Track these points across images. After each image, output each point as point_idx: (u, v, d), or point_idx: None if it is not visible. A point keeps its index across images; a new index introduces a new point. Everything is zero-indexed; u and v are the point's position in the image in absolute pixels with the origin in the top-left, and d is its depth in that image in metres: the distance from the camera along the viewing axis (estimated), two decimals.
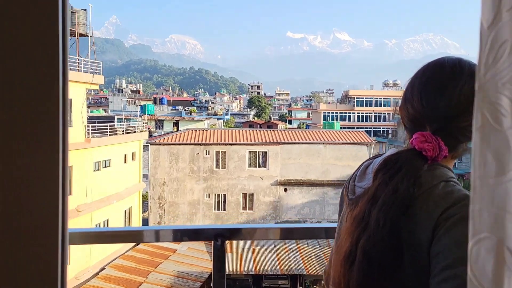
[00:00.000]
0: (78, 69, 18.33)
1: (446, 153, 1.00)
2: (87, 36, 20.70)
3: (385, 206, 0.96)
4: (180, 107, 58.78)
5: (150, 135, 30.17)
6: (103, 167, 18.82)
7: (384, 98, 67.90)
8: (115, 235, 1.41)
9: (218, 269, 1.33)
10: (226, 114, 73.19)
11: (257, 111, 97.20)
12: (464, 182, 39.98)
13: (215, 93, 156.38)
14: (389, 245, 0.94)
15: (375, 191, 1.00)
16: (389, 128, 61.79)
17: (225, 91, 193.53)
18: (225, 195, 25.00)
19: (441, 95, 1.01)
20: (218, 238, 1.30)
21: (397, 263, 0.95)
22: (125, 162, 20.75)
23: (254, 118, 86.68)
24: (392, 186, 0.97)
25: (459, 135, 1.02)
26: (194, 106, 72.54)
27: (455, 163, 1.12)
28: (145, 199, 27.96)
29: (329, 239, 1.38)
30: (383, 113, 65.84)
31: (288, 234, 1.48)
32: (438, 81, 1.03)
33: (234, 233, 1.38)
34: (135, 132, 22.36)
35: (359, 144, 25.45)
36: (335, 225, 1.30)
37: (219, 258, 1.33)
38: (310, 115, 79.64)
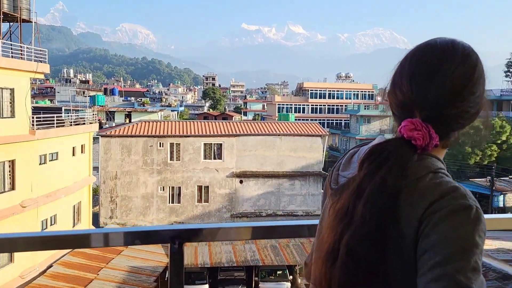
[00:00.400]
0: (21, 57, 17.26)
1: (437, 142, 0.93)
2: (30, 22, 19.51)
3: (372, 199, 0.88)
4: (132, 98, 56.93)
5: (100, 127, 29.06)
6: (49, 160, 17.90)
7: (337, 91, 69.43)
8: (54, 240, 1.19)
9: (176, 274, 1.17)
10: (180, 106, 71.97)
11: (212, 102, 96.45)
12: None
13: (169, 84, 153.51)
14: (374, 241, 0.87)
15: (360, 183, 0.91)
16: (342, 120, 63.35)
17: (179, 82, 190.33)
18: (179, 188, 24.61)
19: (432, 79, 0.93)
20: (175, 241, 1.15)
21: (383, 259, 0.88)
22: (73, 155, 19.86)
23: (209, 110, 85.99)
24: (379, 178, 0.89)
25: (452, 122, 0.95)
26: (147, 97, 70.68)
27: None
28: (95, 193, 26.98)
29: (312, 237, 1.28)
30: (337, 105, 67.35)
31: (258, 233, 1.32)
32: (429, 64, 0.95)
33: (193, 234, 1.22)
34: (84, 123, 21.44)
35: (313, 135, 25.83)
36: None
37: (176, 262, 1.16)
38: (265, 107, 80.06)
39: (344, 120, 61.70)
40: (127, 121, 40.34)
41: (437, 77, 0.93)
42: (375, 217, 0.87)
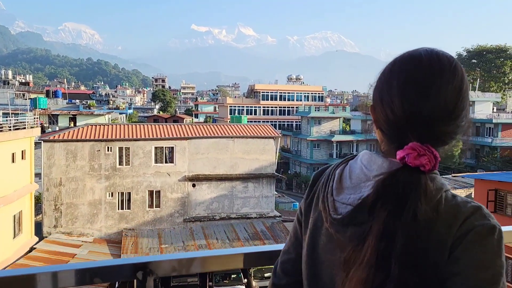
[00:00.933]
0: None
1: (439, 159, 0.90)
2: None
3: (410, 241, 0.84)
4: (77, 100, 54.36)
5: (43, 131, 27.50)
6: None
7: (288, 93, 70.36)
8: None
9: None
10: (129, 108, 69.75)
11: (162, 105, 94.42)
12: None
13: (117, 86, 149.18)
14: (424, 283, 0.85)
15: (386, 225, 0.85)
16: (293, 122, 64.24)
17: (127, 84, 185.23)
18: (129, 193, 23.78)
19: (426, 98, 0.90)
20: (142, 275, 0.95)
21: None
22: (13, 161, 18.60)
23: (159, 112, 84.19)
24: (408, 215, 0.84)
25: (447, 139, 0.94)
26: (93, 99, 67.80)
27: None
28: (38, 201, 25.50)
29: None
30: (288, 107, 68.21)
31: (237, 261, 1.13)
32: (420, 81, 0.91)
33: (162, 266, 1.02)
34: (24, 128, 20.14)
35: (266, 137, 25.89)
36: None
37: None
38: (217, 109, 79.61)
39: (296, 122, 62.59)
40: (72, 124, 38.54)
41: (430, 95, 0.90)
42: (418, 260, 0.83)
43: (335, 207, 0.99)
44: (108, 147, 23.32)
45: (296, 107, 63.11)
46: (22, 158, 19.61)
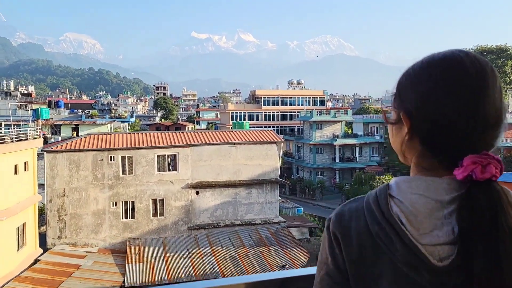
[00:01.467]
0: None
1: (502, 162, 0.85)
2: None
3: None
4: (80, 110, 54.40)
5: (45, 142, 27.52)
6: None
7: (289, 97, 70.33)
8: None
9: None
10: (131, 117, 69.75)
11: (164, 112, 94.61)
12: (366, 175, 42.66)
13: (118, 95, 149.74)
14: None
15: (489, 256, 0.77)
16: (295, 126, 64.14)
17: (128, 92, 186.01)
18: (133, 202, 23.70)
19: (480, 103, 0.85)
20: None
21: None
22: (16, 173, 18.56)
23: (161, 120, 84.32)
24: (505, 234, 0.78)
25: (495, 142, 0.88)
26: (95, 109, 67.89)
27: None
28: (42, 212, 25.44)
29: None
30: (289, 112, 68.16)
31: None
32: (470, 86, 0.85)
33: None
34: (27, 139, 20.12)
35: (269, 143, 25.80)
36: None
37: None
38: (219, 115, 79.63)
39: (298, 127, 62.49)
40: (75, 134, 38.58)
41: (483, 99, 0.85)
42: None
43: (430, 253, 0.84)
44: (111, 156, 23.28)
45: (298, 112, 63.05)
46: (25, 170, 19.56)
